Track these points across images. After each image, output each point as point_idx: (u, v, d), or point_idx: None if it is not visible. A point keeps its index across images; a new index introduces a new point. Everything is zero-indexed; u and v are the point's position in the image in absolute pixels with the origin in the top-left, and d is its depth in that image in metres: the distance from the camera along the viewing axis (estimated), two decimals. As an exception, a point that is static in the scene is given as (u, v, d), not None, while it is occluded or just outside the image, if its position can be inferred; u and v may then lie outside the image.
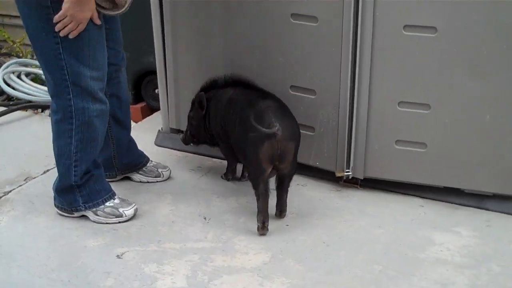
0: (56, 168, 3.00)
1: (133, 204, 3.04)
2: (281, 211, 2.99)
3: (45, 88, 4.26)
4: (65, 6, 2.57)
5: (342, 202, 3.14)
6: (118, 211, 3.00)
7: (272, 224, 2.89)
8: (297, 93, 3.19)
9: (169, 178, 3.37)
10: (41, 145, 3.65)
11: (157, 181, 3.37)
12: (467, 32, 2.79)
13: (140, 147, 3.37)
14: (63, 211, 3.04)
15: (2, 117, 4.07)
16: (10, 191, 3.24)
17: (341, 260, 2.68)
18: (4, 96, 4.56)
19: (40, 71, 4.46)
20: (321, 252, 2.74)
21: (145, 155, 3.37)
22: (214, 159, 3.55)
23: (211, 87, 3.25)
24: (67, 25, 2.61)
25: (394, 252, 2.73)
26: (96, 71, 2.81)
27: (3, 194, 3.21)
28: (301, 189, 3.25)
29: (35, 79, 4.64)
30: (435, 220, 2.98)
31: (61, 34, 2.63)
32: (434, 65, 2.90)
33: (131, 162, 3.33)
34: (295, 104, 3.14)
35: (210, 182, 3.34)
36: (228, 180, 3.34)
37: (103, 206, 3.00)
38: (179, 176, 3.40)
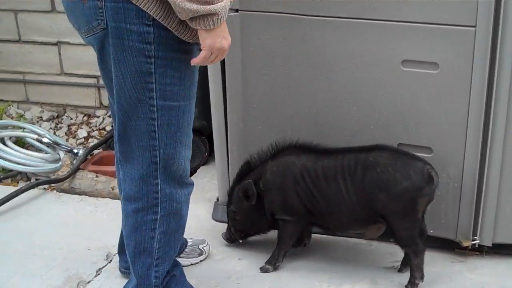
0: (109, 265, 2.64)
1: None
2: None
3: (39, 155, 3.62)
4: (207, 41, 1.98)
5: (475, 276, 2.67)
6: None
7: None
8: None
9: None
10: (74, 235, 3.02)
11: (200, 260, 2.78)
12: None
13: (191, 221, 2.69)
14: None
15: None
16: None
17: None
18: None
19: (24, 134, 3.78)
20: None
21: None
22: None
23: (249, 169, 2.78)
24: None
25: None
26: (190, 150, 2.27)
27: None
28: (419, 265, 2.74)
29: (18, 142, 3.90)
30: None
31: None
32: None
33: None
34: (404, 165, 2.65)
35: (307, 265, 2.78)
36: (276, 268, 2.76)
37: None
38: (265, 259, 2.79)
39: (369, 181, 2.53)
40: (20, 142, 3.88)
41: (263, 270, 2.74)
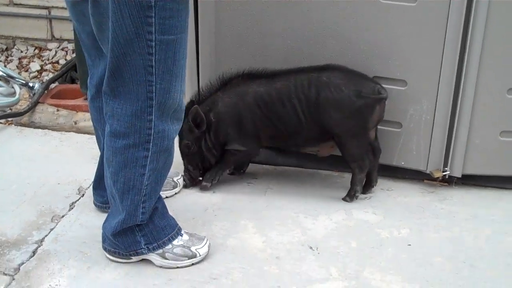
0: (82, 200, 2.63)
1: (205, 239, 2.44)
2: (376, 181, 2.81)
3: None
4: None
5: (446, 206, 2.75)
6: (190, 250, 2.39)
7: (391, 244, 2.49)
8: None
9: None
10: (42, 169, 2.95)
11: (175, 193, 2.78)
12: None
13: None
14: (117, 256, 2.39)
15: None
16: (43, 239, 2.50)
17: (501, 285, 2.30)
18: None
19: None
20: (471, 277, 2.33)
21: None
22: (266, 166, 2.99)
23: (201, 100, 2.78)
24: None
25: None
26: (184, 83, 2.23)
27: (36, 244, 2.47)
28: (391, 195, 2.83)
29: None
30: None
31: None
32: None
33: None
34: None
35: (282, 197, 2.80)
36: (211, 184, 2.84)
37: (170, 246, 2.38)
38: (241, 192, 2.83)
39: (324, 100, 2.59)
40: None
41: (202, 187, 2.82)
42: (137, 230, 2.33)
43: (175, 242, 2.38)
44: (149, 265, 2.37)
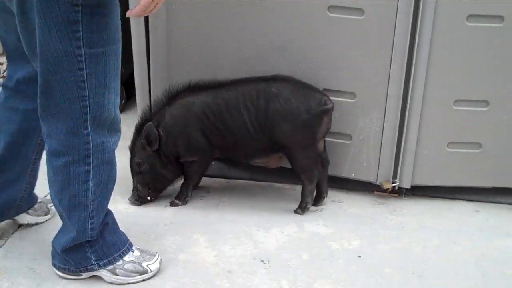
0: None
1: (156, 255, 2.42)
2: (326, 193, 2.84)
3: None
4: None
5: (396, 217, 2.79)
6: (141, 266, 2.37)
7: (342, 256, 2.51)
8: (331, 97, 2.74)
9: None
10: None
11: (46, 220, 2.70)
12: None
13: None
14: (67, 273, 2.36)
15: None
16: (-8, 255, 2.47)
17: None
18: None
19: None
20: (420, 287, 2.36)
21: None
22: (218, 180, 2.99)
23: (146, 120, 2.77)
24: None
25: (493, 274, 2.43)
26: (118, 95, 2.22)
27: (-16, 262, 2.44)
28: (342, 207, 2.86)
29: None
30: (501, 225, 2.74)
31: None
32: (497, 58, 2.61)
33: (29, 200, 2.62)
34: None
35: (235, 210, 2.80)
36: (185, 202, 2.84)
37: (121, 262, 2.36)
38: (193, 206, 2.83)
39: (273, 111, 2.61)
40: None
41: (173, 204, 2.81)
42: (87, 246, 2.30)
43: (125, 258, 2.36)
44: (100, 282, 2.34)
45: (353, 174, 2.87)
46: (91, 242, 2.29)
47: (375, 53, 2.65)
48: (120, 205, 2.76)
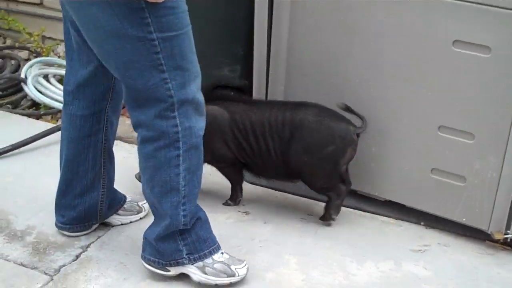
0: None
1: (244, 262, 2.42)
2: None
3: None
4: None
5: (503, 271, 2.59)
6: (230, 268, 2.37)
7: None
8: (447, 135, 2.63)
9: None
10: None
11: (140, 218, 2.74)
12: None
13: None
14: (155, 266, 2.38)
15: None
16: (89, 245, 2.58)
17: None
18: (29, 103, 3.84)
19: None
20: None
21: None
22: (321, 203, 2.93)
23: None
24: None
25: None
26: (199, 79, 2.25)
27: (81, 249, 2.54)
28: (447, 251, 2.69)
29: (62, 81, 3.92)
30: None
31: None
32: None
33: (113, 202, 2.67)
34: (442, 147, 2.63)
35: (332, 237, 2.73)
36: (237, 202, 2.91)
37: (211, 260, 2.36)
38: (292, 226, 2.79)
39: (296, 142, 2.56)
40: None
41: (226, 204, 2.89)
42: (180, 239, 2.33)
43: (215, 257, 2.37)
44: (185, 283, 2.37)
45: (464, 219, 2.71)
46: (183, 235, 2.32)
47: (499, 93, 2.49)
48: (220, 216, 2.78)
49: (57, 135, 3.15)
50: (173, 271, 2.38)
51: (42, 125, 3.45)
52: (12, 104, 3.82)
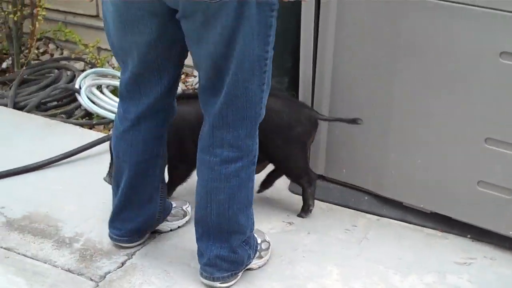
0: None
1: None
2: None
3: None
4: None
5: (551, 287, 2.53)
6: (265, 240, 2.62)
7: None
8: (494, 148, 2.58)
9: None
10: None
11: (186, 221, 2.76)
12: None
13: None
14: (231, 279, 2.41)
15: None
16: (134, 252, 2.63)
17: None
18: (82, 113, 3.94)
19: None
20: None
21: None
22: (368, 215, 2.92)
23: None
24: None
25: None
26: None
27: (126, 256, 2.59)
28: (493, 264, 2.65)
29: (115, 92, 4.01)
30: None
31: None
32: None
33: (166, 210, 2.69)
34: (489, 160, 2.59)
35: (377, 249, 2.72)
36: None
37: (260, 247, 2.55)
38: (336, 237, 2.79)
39: (265, 126, 2.48)
40: (117, 92, 3.97)
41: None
42: (245, 245, 2.39)
43: (259, 241, 2.55)
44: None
45: (511, 232, 2.66)
46: (246, 240, 2.38)
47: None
48: (264, 226, 2.79)
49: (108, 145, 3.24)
50: (239, 276, 2.44)
51: (94, 135, 3.51)
52: (66, 114, 3.92)
